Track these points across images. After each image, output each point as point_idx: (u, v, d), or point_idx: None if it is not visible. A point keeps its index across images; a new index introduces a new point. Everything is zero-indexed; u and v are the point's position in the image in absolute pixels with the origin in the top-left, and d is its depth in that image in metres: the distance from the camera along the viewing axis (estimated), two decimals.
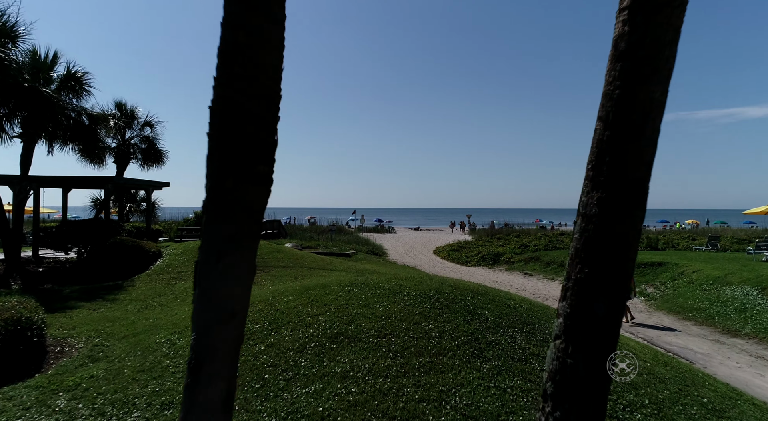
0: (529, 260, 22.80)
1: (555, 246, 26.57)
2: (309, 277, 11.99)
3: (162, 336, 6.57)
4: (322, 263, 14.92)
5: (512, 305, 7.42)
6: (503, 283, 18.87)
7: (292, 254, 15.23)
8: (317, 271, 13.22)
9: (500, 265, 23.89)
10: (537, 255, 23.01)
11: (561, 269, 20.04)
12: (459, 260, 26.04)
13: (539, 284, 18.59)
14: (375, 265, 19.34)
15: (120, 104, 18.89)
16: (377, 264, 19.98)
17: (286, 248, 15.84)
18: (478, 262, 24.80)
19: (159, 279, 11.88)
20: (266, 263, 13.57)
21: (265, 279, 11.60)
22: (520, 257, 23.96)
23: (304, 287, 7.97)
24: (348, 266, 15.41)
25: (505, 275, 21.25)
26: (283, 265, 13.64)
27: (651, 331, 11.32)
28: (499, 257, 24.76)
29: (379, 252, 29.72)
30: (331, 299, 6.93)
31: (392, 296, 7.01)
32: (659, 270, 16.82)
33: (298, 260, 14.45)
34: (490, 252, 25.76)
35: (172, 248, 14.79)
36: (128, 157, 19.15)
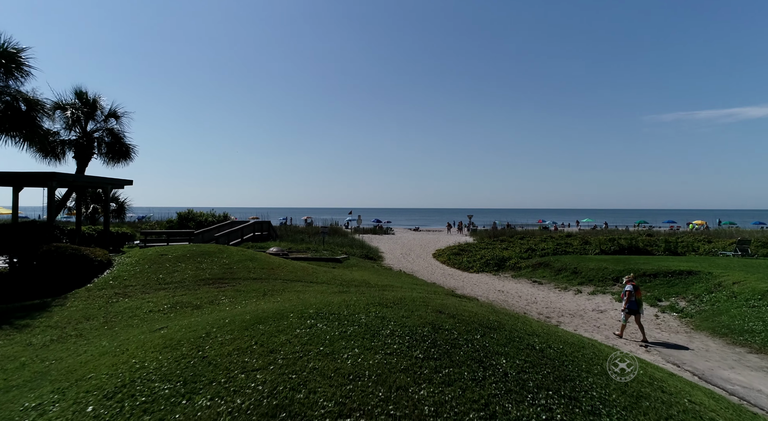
0: (537, 266, 20.73)
1: (564, 250, 24.48)
2: (281, 293, 9.94)
3: (36, 396, 4.52)
4: (303, 273, 12.86)
5: (538, 346, 5.35)
6: (511, 293, 16.80)
7: (268, 262, 13.17)
8: (293, 284, 11.15)
9: (506, 271, 21.81)
10: (546, 260, 20.93)
11: (574, 277, 17.98)
12: (460, 266, 23.97)
13: (551, 294, 16.51)
14: (367, 273, 17.28)
15: (80, 92, 16.84)
16: (369, 272, 17.92)
17: (261, 256, 13.78)
18: (482, 267, 22.72)
19: (98, 296, 9.81)
20: (234, 275, 11.50)
21: (227, 296, 9.53)
22: (527, 262, 21.89)
23: (255, 318, 5.90)
24: (333, 277, 13.35)
25: (512, 282, 19.17)
26: (254, 276, 11.57)
27: (699, 360, 9.24)
28: (505, 263, 22.69)
29: (374, 256, 27.65)
30: (282, 341, 4.86)
31: (370, 336, 4.93)
32: (689, 280, 14.75)
33: (274, 271, 12.39)
34: (494, 257, 23.69)
35: (127, 257, 12.72)
36: (90, 152, 17.08)
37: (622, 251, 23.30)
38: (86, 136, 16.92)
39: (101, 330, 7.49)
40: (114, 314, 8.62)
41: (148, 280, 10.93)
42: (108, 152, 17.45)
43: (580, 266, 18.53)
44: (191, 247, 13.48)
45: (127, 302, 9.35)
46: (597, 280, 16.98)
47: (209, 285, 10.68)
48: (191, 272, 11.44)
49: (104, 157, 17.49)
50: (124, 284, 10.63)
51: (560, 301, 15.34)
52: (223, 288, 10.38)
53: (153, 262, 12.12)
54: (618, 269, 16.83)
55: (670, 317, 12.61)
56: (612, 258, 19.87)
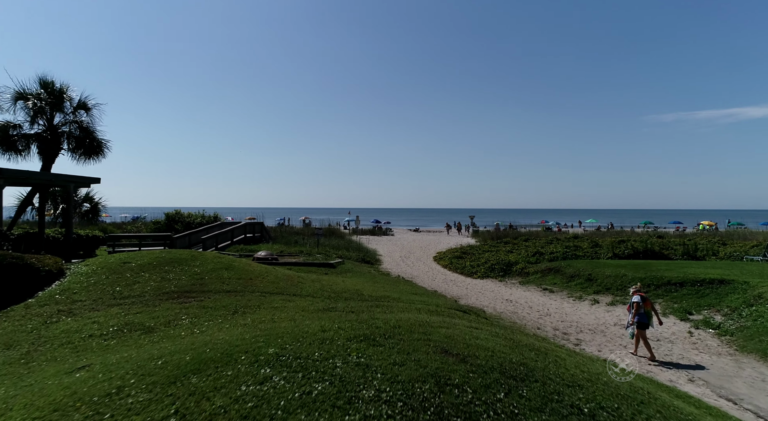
0: (547, 272, 19.14)
1: (574, 254, 22.87)
2: (254, 311, 8.37)
3: None
4: (286, 283, 11.28)
5: (586, 408, 3.77)
6: (520, 303, 15.22)
7: (247, 271, 11.59)
8: (272, 298, 9.58)
9: (512, 277, 20.22)
10: (556, 266, 19.35)
11: (589, 285, 16.39)
12: (463, 270, 22.38)
13: (565, 304, 14.92)
14: (361, 280, 15.71)
15: (45, 82, 15.28)
16: (364, 279, 16.34)
17: (239, 263, 12.18)
18: (486, 273, 21.13)
19: (36, 314, 8.24)
20: (204, 287, 9.93)
21: (189, 315, 7.96)
22: (535, 267, 20.31)
23: (195, 360, 4.33)
24: (321, 286, 11.77)
25: (521, 290, 17.58)
26: (227, 289, 10.00)
27: (759, 394, 7.67)
28: (511, 268, 21.10)
29: (371, 260, 26.09)
30: (214, 411, 3.29)
31: (344, 403, 3.35)
32: (722, 290, 13.16)
33: (252, 281, 10.80)
34: (499, 261, 22.10)
35: (84, 265, 11.15)
36: (57, 148, 15.51)
37: (636, 254, 21.72)
38: (52, 130, 15.35)
39: (14, 366, 5.91)
40: (45, 339, 7.04)
41: (102, 293, 9.35)
42: (77, 148, 15.88)
43: (594, 273, 16.94)
44: (161, 253, 11.92)
45: (68, 323, 7.77)
46: (615, 288, 15.39)
47: (173, 300, 9.11)
48: (154, 284, 9.87)
49: (73, 154, 15.92)
50: (72, 298, 9.06)
51: (576, 313, 13.75)
52: (188, 303, 8.81)
53: (112, 271, 10.55)
54: (639, 277, 15.25)
55: (707, 335, 11.03)
56: (629, 263, 18.29)
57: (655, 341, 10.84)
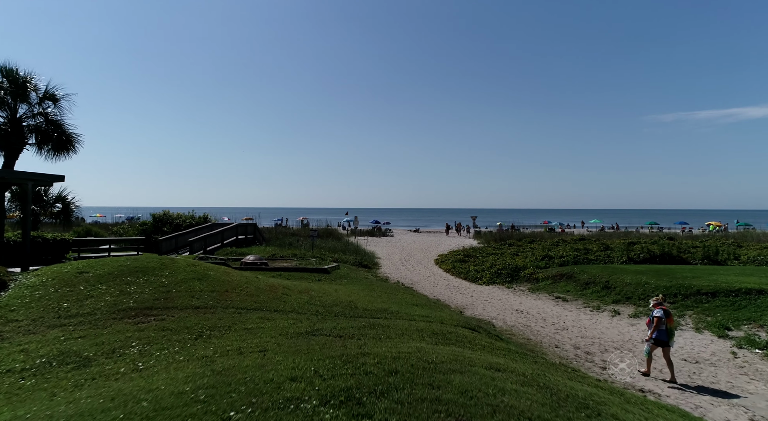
0: (558, 278, 17.68)
1: (586, 258, 21.40)
2: (224, 333, 6.92)
3: None
4: (268, 295, 9.81)
5: None
6: (532, 313, 13.76)
7: (223, 281, 10.12)
8: (248, 316, 8.12)
9: (521, 283, 18.76)
10: (569, 271, 17.89)
11: (606, 294, 14.94)
12: (467, 276, 20.92)
13: (582, 316, 13.46)
14: (357, 288, 14.25)
15: (7, 70, 13.82)
16: (360, 286, 14.88)
17: (216, 272, 10.68)
18: (492, 278, 19.67)
19: None
20: (169, 302, 8.46)
21: (143, 340, 6.50)
22: (545, 272, 18.85)
23: None
24: (310, 298, 10.32)
25: (531, 299, 16.11)
26: (196, 304, 8.53)
27: None
28: (519, 273, 19.64)
29: (369, 263, 24.62)
30: None
31: None
32: (762, 302, 11.71)
33: (228, 294, 9.34)
34: (505, 266, 20.64)
35: (34, 275, 9.68)
36: (21, 142, 14.05)
37: (653, 258, 20.26)
38: (15, 123, 13.88)
39: None
40: None
41: (45, 311, 7.89)
42: (44, 142, 14.41)
43: (612, 280, 15.47)
44: (126, 261, 10.44)
45: None
46: (637, 298, 13.93)
47: (128, 319, 7.65)
48: (110, 299, 8.40)
49: (39, 149, 14.45)
50: (7, 318, 7.58)
51: (596, 327, 12.29)
52: (145, 324, 7.35)
53: (64, 283, 9.08)
54: (663, 285, 13.80)
55: (753, 356, 9.57)
56: (648, 269, 16.81)
57: (693, 364, 9.39)
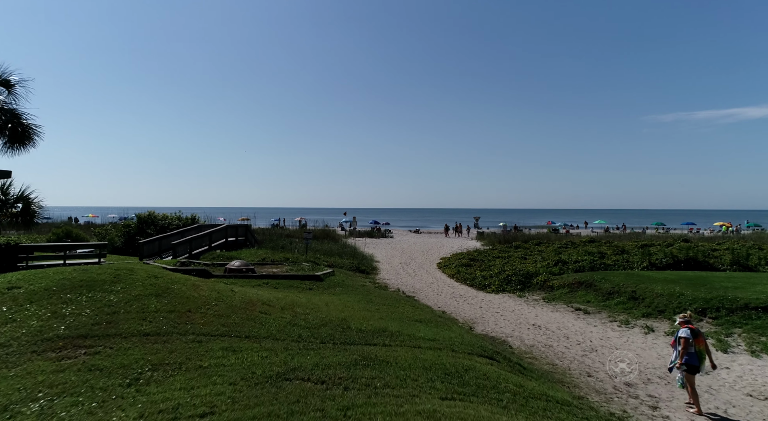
0: (576, 286, 15.97)
1: (603, 263, 19.65)
2: (169, 376, 5.20)
3: None
4: (242, 315, 8.08)
5: None
6: (551, 329, 12.05)
7: (188, 298, 8.38)
8: (211, 345, 6.39)
9: (533, 291, 17.04)
10: (587, 279, 16.17)
11: (634, 305, 13.23)
12: (474, 282, 19.18)
13: (610, 333, 11.74)
14: (352, 299, 12.52)
15: None
16: (356, 297, 13.15)
17: (181, 286, 8.92)
18: (502, 286, 17.94)
19: None
20: (112, 327, 6.72)
21: (57, 390, 4.78)
22: (560, 279, 17.13)
23: None
24: (293, 317, 8.60)
25: (548, 310, 14.38)
26: (147, 329, 6.80)
27: None
28: (531, 280, 17.92)
29: (367, 268, 22.88)
30: None
31: None
32: None
33: (191, 315, 7.61)
34: (515, 271, 18.91)
35: None
36: None
37: (676, 263, 18.56)
38: None
39: None
40: None
41: None
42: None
43: (640, 290, 13.76)
44: (73, 273, 8.72)
45: None
46: (671, 311, 12.22)
47: (52, 352, 5.92)
48: (36, 324, 6.67)
49: None
50: None
51: (629, 347, 10.56)
52: (71, 361, 5.63)
53: None
54: (702, 297, 12.09)
55: None
56: (679, 277, 15.08)
57: (763, 401, 7.67)
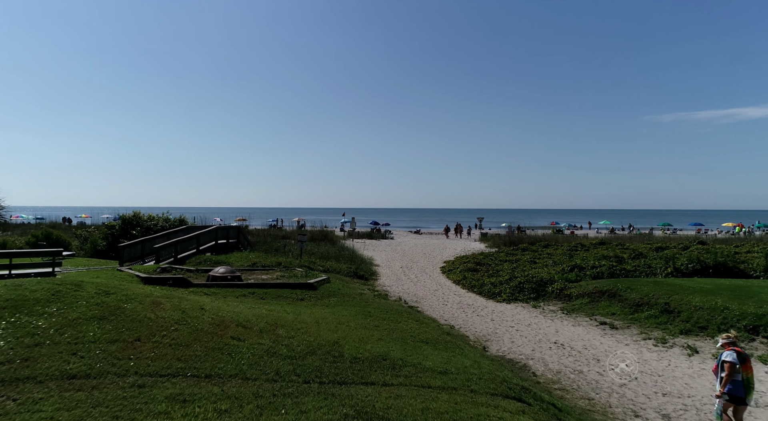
0: (597, 296, 14.37)
1: (623, 269, 18.03)
2: None
3: None
4: (211, 342, 6.47)
5: None
6: (577, 349, 10.44)
7: (139, 322, 6.78)
8: (158, 391, 4.78)
9: (549, 300, 15.44)
10: (609, 287, 14.57)
11: (668, 320, 11.64)
12: (482, 290, 17.57)
13: (647, 354, 10.12)
14: (348, 312, 10.91)
15: None
16: (352, 309, 11.54)
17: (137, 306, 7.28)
18: (513, 294, 16.34)
19: None
20: (26, 367, 5.11)
21: None
22: (577, 287, 15.54)
23: None
24: (273, 343, 7.01)
25: (569, 324, 12.77)
26: (75, 369, 5.20)
27: None
28: (545, 287, 16.32)
29: (366, 273, 21.27)
30: None
31: None
32: None
33: (140, 345, 5.99)
34: (528, 278, 17.29)
35: None
36: None
37: (704, 270, 16.96)
38: None
39: None
40: None
41: None
42: None
43: (674, 301, 12.17)
44: (0, 290, 7.10)
45: None
46: (714, 328, 10.63)
47: None
48: None
49: None
50: None
51: (674, 373, 8.95)
52: None
53: None
54: (750, 312, 10.50)
55: None
56: (717, 286, 13.43)
57: None
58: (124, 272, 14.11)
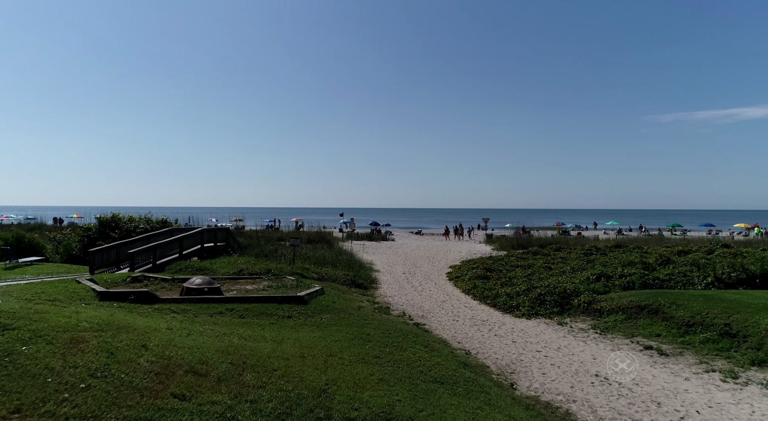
0: (635, 312, 12.32)
1: (657, 279, 15.91)
2: None
3: None
4: (145, 401, 4.43)
5: None
6: (627, 385, 8.36)
7: (41, 377, 4.75)
8: None
9: (575, 315, 13.39)
10: (648, 301, 12.52)
11: (733, 345, 9.60)
12: (497, 302, 15.50)
13: (718, 393, 8.05)
14: (342, 334, 8.84)
15: None
16: (348, 330, 9.47)
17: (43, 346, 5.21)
18: (533, 307, 14.28)
19: None
20: None
21: None
22: (608, 300, 13.50)
23: None
24: (235, 400, 4.95)
25: (605, 347, 10.69)
26: None
27: None
28: (570, 299, 14.27)
29: (365, 281, 19.22)
30: None
31: None
32: None
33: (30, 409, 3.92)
34: (548, 288, 15.23)
35: None
36: None
37: (749, 279, 14.91)
38: None
39: None
40: None
41: None
42: None
43: (736, 322, 10.12)
44: None
45: None
46: None
47: None
48: None
49: None
50: None
51: None
52: None
53: None
54: None
55: None
56: None
57: None
58: (81, 284, 12.05)
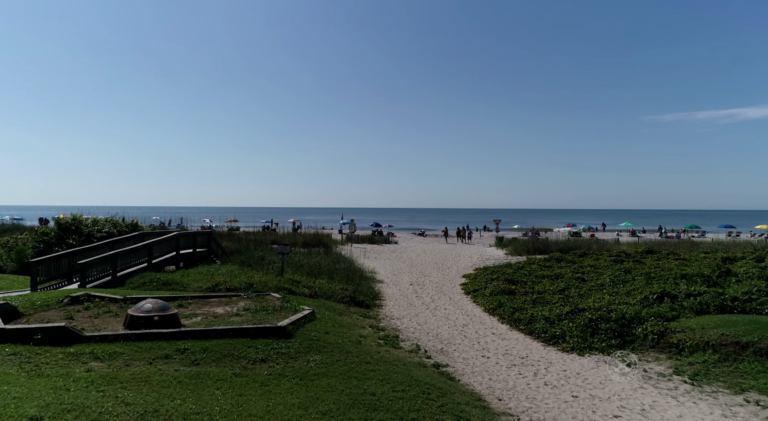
0: (733, 350, 9.16)
1: (736, 299, 12.70)
2: None
3: None
4: None
5: None
6: None
7: None
8: None
9: (644, 352, 10.21)
10: (748, 335, 9.36)
11: None
12: (533, 328, 12.30)
13: None
14: (332, 393, 5.65)
15: None
16: (343, 382, 6.30)
17: None
18: (585, 339, 11.10)
19: None
20: None
21: None
22: (685, 331, 10.33)
23: None
24: None
25: (705, 407, 7.54)
26: None
27: None
28: (631, 328, 11.11)
29: (367, 297, 15.98)
30: None
31: None
32: None
33: None
34: (601, 313, 12.05)
35: None
36: None
37: None
38: None
39: None
40: None
41: None
42: None
43: None
44: None
45: None
46: None
47: None
48: None
49: None
50: None
51: None
52: None
53: None
54: None
55: None
56: None
57: None
58: None
